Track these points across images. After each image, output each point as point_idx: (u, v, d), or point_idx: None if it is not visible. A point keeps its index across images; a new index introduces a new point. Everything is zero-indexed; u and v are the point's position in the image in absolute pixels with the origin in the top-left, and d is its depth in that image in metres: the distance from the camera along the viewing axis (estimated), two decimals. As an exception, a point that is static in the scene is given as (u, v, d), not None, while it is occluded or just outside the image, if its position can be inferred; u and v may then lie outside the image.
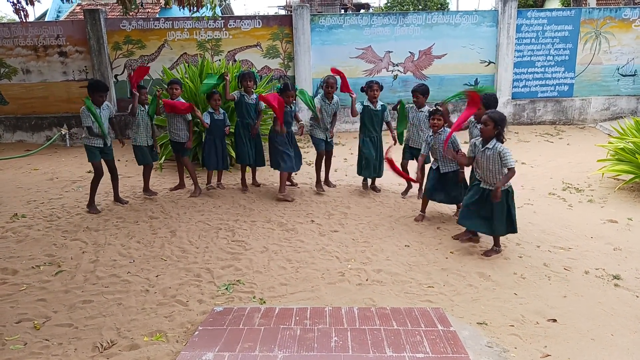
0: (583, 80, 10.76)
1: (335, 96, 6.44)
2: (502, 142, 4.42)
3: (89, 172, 6.83)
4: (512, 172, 4.34)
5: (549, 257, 4.64)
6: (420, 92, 5.99)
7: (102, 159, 5.92)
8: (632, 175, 6.47)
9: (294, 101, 6.31)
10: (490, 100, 5.00)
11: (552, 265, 4.45)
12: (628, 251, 4.78)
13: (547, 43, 10.53)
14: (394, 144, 6.12)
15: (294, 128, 6.56)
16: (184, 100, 6.46)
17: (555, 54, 10.61)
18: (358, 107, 6.29)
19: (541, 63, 10.63)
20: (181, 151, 6.49)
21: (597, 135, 9.88)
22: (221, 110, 6.43)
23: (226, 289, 4.07)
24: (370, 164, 6.32)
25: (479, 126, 5.06)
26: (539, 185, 6.93)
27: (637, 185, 6.63)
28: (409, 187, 6.41)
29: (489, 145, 4.42)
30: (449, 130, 5.20)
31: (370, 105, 6.23)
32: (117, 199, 6.20)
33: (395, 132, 6.31)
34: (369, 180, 6.63)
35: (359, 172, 6.55)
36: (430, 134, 5.43)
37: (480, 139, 4.55)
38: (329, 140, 6.53)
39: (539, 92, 10.77)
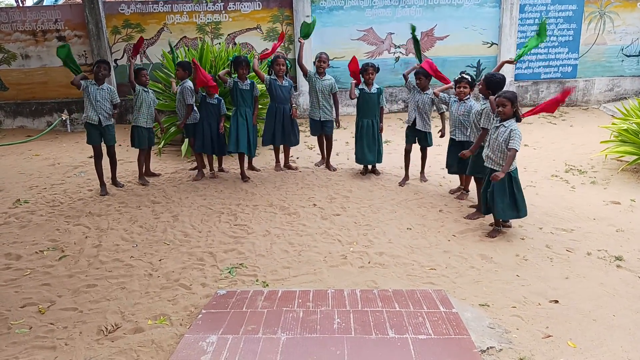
0: (587, 61, 10.63)
1: (329, 76, 6.58)
2: (520, 120, 4.43)
3: (90, 157, 6.80)
4: (512, 152, 4.31)
5: (552, 238, 4.64)
6: (423, 74, 5.92)
7: (102, 143, 5.93)
8: (636, 157, 6.42)
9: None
10: (492, 82, 4.75)
11: (555, 247, 4.45)
12: (631, 232, 4.77)
13: (550, 23, 10.37)
14: (380, 132, 6.32)
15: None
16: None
17: (559, 34, 10.46)
18: (355, 91, 6.19)
19: (544, 44, 10.47)
20: (190, 133, 6.44)
21: (601, 117, 9.80)
22: (216, 96, 6.25)
23: (229, 272, 4.09)
24: (368, 149, 6.26)
25: (474, 103, 5.09)
26: (541, 167, 6.90)
27: (640, 166, 6.61)
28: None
29: (505, 123, 4.41)
30: (474, 102, 5.27)
31: (366, 88, 6.18)
32: (114, 182, 6.24)
33: (382, 117, 6.40)
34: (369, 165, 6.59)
35: (359, 161, 6.43)
36: (455, 98, 5.40)
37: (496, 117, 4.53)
38: (322, 119, 6.57)
39: (542, 73, 10.65)
